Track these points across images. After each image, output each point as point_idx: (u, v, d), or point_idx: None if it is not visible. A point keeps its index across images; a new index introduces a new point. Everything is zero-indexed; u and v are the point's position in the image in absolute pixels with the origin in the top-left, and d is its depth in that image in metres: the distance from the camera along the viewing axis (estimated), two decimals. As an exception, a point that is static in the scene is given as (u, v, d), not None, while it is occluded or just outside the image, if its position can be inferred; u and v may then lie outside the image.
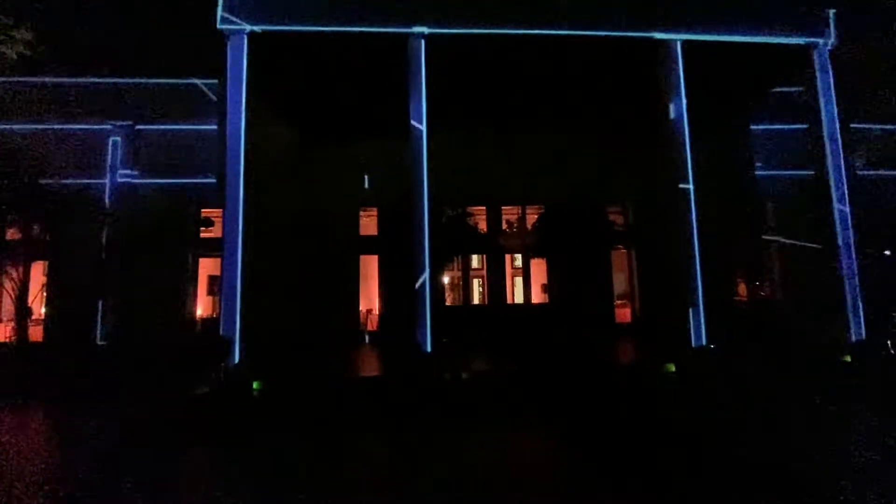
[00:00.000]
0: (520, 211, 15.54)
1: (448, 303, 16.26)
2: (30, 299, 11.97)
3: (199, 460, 5.45)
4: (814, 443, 5.37)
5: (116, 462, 5.21)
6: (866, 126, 13.87)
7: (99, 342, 12.02)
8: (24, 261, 11.62)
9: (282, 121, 12.94)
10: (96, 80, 12.94)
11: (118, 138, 12.72)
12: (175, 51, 12.74)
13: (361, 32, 9.91)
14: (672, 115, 10.56)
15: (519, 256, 16.21)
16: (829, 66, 10.88)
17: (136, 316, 12.09)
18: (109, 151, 12.74)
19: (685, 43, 10.54)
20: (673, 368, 8.97)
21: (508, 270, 16.18)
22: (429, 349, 9.42)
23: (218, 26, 9.63)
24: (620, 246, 15.38)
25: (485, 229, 14.99)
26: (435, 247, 9.87)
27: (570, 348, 11.42)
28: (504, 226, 15.52)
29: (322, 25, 9.82)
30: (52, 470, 5.05)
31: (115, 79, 12.99)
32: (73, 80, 12.91)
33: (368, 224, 14.75)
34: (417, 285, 9.58)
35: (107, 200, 12.45)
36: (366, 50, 10.45)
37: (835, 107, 10.81)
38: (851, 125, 12.73)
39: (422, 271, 9.65)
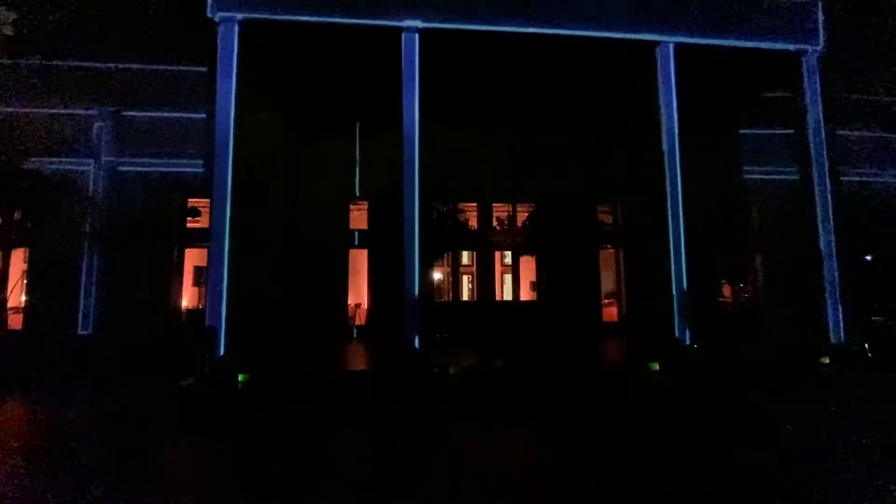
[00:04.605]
0: (510, 208, 15.57)
1: (437, 298, 16.27)
2: (10, 287, 11.72)
3: (181, 452, 5.40)
4: (784, 443, 5.48)
5: (94, 454, 5.13)
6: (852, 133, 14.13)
7: (81, 332, 11.80)
8: (4, 247, 11.36)
9: (272, 111, 12.77)
10: (82, 63, 12.62)
11: (103, 123, 12.43)
12: (164, 36, 12.45)
13: (354, 24, 9.81)
14: (662, 116, 10.66)
15: (509, 254, 16.26)
16: (817, 72, 11.06)
17: (120, 305, 11.89)
18: (94, 137, 12.45)
19: (677, 45, 10.64)
20: (657, 367, 9.10)
21: (498, 267, 16.22)
22: (417, 344, 9.42)
23: (208, 13, 9.46)
24: (609, 245, 15.50)
25: (475, 226, 15.00)
26: (425, 242, 9.86)
27: (557, 346, 11.51)
28: (494, 223, 15.54)
29: (314, 16, 9.69)
30: (28, 461, 4.96)
31: (101, 63, 12.69)
32: (58, 62, 12.57)
33: (359, 218, 14.66)
34: (406, 279, 9.56)
35: (90, 187, 12.19)
36: (358, 42, 10.35)
37: (821, 112, 11.01)
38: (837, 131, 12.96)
39: (412, 266, 9.64)
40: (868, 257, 13.58)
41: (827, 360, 9.52)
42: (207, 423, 6.40)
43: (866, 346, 9.90)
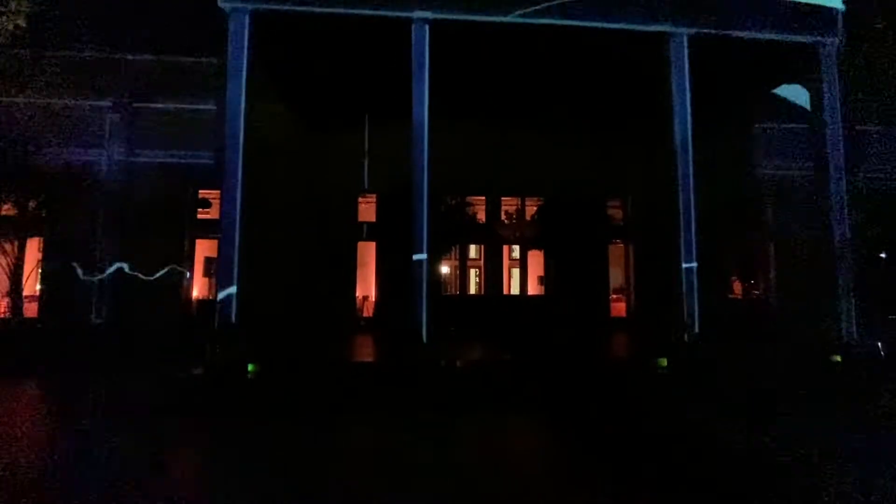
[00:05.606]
0: (519, 202, 15.50)
1: (444, 292, 16.29)
2: (24, 276, 11.91)
3: (189, 440, 5.48)
4: (786, 439, 5.44)
5: (99, 440, 5.22)
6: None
7: (95, 320, 11.99)
8: (18, 237, 11.54)
9: (282, 103, 12.79)
10: (95, 54, 12.70)
11: (116, 115, 12.54)
12: (176, 27, 12.49)
13: (364, 15, 9.76)
14: (675, 109, 10.51)
15: (517, 248, 16.22)
16: (835, 65, 10.82)
17: (132, 295, 12.04)
18: (107, 128, 12.57)
19: (691, 37, 10.45)
20: (665, 363, 9.03)
21: (506, 261, 16.19)
22: (424, 337, 9.44)
23: (219, 4, 9.46)
24: (618, 240, 15.40)
25: (483, 219, 14.96)
26: (433, 235, 9.85)
27: (564, 341, 11.48)
28: (503, 217, 15.49)
29: (324, 7, 9.65)
30: (36, 447, 5.07)
31: (114, 54, 12.76)
32: (71, 54, 12.66)
33: (367, 210, 14.69)
34: (414, 272, 9.57)
35: (103, 178, 12.32)
36: (368, 34, 10.30)
37: (838, 106, 10.77)
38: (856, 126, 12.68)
39: (419, 259, 9.64)
40: (883, 255, 13.34)
41: (839, 359, 9.39)
42: (215, 412, 6.48)
43: (879, 344, 9.75)
